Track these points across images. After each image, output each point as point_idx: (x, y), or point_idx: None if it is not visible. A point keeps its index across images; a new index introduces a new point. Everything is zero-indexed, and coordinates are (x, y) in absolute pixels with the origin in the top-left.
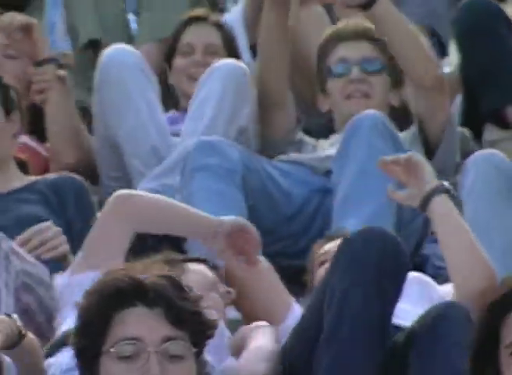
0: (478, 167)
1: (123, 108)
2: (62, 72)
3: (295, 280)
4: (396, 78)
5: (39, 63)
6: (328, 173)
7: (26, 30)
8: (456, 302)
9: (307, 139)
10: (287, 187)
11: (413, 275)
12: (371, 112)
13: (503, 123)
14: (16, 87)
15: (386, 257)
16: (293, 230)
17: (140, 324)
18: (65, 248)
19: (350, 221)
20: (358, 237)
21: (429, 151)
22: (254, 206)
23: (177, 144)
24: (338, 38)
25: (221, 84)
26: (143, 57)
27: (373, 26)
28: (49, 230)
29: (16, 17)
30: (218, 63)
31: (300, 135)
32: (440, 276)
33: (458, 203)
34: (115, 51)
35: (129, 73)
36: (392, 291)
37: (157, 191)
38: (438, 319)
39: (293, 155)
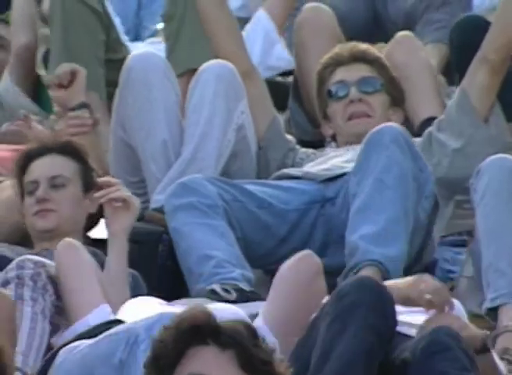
0: (491, 171)
1: (145, 111)
2: (96, 116)
3: None
4: (396, 96)
5: (74, 108)
6: (326, 181)
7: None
8: (446, 330)
9: (303, 149)
10: (280, 205)
11: None
12: (390, 125)
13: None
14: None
15: (376, 315)
16: (292, 247)
17: (210, 363)
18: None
19: (365, 227)
20: (350, 289)
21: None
22: (245, 238)
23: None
24: (336, 63)
25: (212, 87)
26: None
27: (369, 48)
28: None
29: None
30: (204, 66)
31: (294, 143)
32: (449, 280)
33: None
34: (140, 54)
35: (154, 77)
36: (380, 347)
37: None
38: (429, 351)
39: (292, 170)
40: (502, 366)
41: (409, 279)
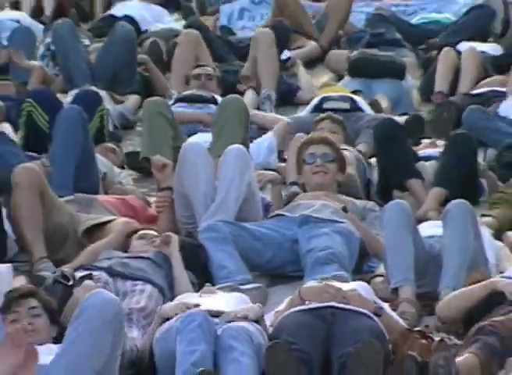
0: (391, 209)
1: (193, 177)
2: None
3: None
4: (341, 165)
5: (163, 189)
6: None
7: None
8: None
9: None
10: (267, 238)
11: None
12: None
13: (404, 189)
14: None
15: None
16: (280, 261)
17: None
18: None
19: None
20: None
21: None
22: (245, 256)
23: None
24: (310, 142)
25: (232, 163)
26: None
27: (330, 136)
28: None
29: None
30: (227, 149)
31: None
32: (371, 272)
33: None
34: (191, 143)
35: (198, 158)
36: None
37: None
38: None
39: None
40: (401, 321)
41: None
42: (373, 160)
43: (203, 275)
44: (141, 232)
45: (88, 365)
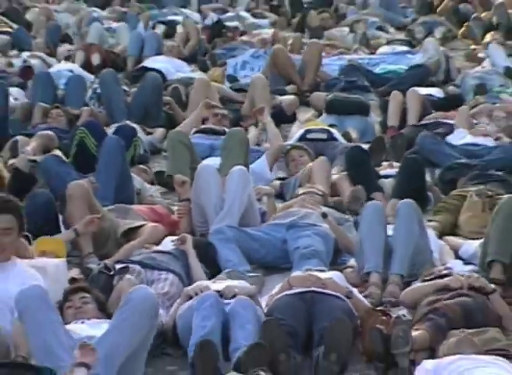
0: (367, 208)
1: (205, 190)
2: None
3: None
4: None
5: (183, 200)
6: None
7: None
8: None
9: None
10: (262, 239)
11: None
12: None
13: (370, 200)
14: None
15: None
16: (272, 257)
17: None
18: None
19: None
20: None
21: None
22: (246, 252)
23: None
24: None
25: (236, 180)
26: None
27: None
28: None
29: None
30: (232, 169)
31: None
32: (343, 264)
33: None
34: (204, 165)
35: (210, 176)
36: None
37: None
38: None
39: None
40: (366, 302)
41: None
42: None
43: (213, 266)
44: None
45: (127, 344)
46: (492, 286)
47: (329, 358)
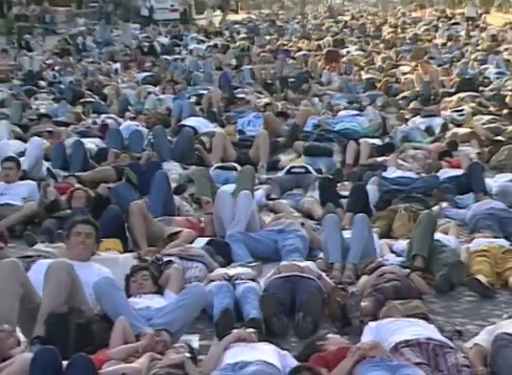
0: (327, 218)
1: (223, 210)
2: None
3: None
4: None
5: (207, 214)
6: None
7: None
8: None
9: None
10: (261, 240)
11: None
12: None
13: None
14: None
15: None
16: (268, 253)
17: None
18: None
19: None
20: None
21: None
22: (251, 251)
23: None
24: None
25: (243, 197)
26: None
27: None
28: None
29: None
30: (240, 192)
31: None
32: (316, 257)
33: None
34: (222, 189)
35: (225, 197)
36: None
37: (230, 234)
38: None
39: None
40: (331, 281)
41: None
42: None
43: (227, 258)
44: None
45: (182, 320)
46: (407, 270)
47: (306, 320)
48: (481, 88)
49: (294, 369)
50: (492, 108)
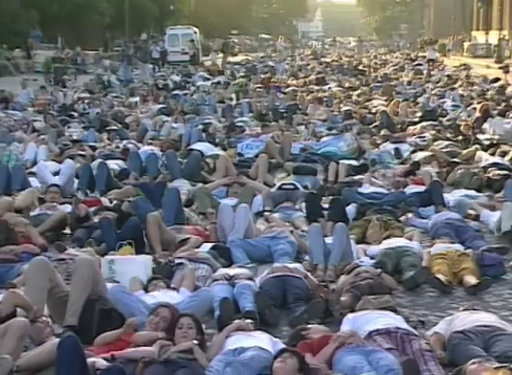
0: (311, 227)
1: (225, 220)
2: None
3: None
4: None
5: (211, 223)
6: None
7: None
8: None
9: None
10: (257, 245)
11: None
12: None
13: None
14: None
15: None
16: (262, 256)
17: None
18: None
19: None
20: None
21: None
22: (248, 254)
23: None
24: None
25: (242, 209)
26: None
27: None
28: None
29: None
30: (239, 205)
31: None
32: (302, 259)
33: None
34: (224, 204)
35: (229, 211)
36: None
37: (231, 240)
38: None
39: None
40: (315, 279)
41: None
42: None
43: (228, 261)
44: None
45: (202, 306)
46: (379, 270)
47: (303, 316)
48: (440, 119)
49: (280, 351)
50: (449, 135)
